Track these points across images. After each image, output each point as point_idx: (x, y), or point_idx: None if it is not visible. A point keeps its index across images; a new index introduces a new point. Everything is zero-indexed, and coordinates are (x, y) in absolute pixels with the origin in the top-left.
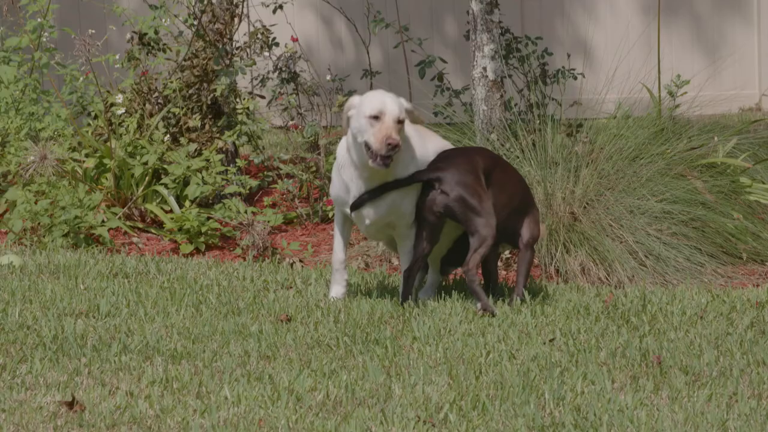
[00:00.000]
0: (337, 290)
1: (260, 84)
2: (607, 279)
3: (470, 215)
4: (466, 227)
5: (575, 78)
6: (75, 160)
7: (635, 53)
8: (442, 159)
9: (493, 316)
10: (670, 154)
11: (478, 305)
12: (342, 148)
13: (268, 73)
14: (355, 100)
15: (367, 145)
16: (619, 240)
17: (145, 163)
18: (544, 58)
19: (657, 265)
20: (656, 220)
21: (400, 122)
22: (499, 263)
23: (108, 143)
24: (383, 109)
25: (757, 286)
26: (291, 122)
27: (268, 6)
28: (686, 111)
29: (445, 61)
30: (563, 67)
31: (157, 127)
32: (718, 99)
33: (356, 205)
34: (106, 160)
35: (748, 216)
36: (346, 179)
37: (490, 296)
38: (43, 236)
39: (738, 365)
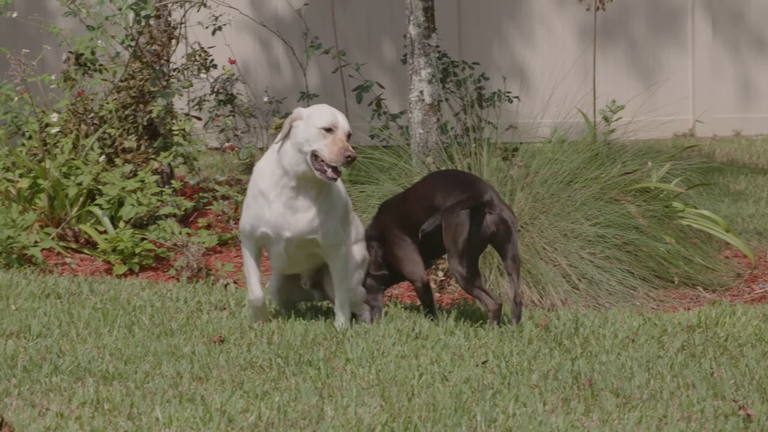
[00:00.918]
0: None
1: (197, 105)
2: (540, 302)
3: (516, 238)
4: (510, 252)
5: (511, 101)
6: (9, 180)
7: (571, 78)
8: (468, 182)
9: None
10: (604, 179)
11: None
12: (269, 163)
13: (206, 94)
14: (302, 111)
15: (316, 156)
16: (553, 263)
17: (80, 184)
18: (481, 82)
19: (590, 288)
20: (590, 244)
21: (349, 137)
22: (434, 285)
23: (42, 163)
24: (336, 123)
25: (689, 309)
26: (227, 144)
27: (207, 27)
28: (621, 136)
29: (382, 87)
30: (499, 90)
31: (92, 148)
32: (653, 124)
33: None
34: (40, 181)
35: (681, 240)
36: (266, 197)
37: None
38: None
39: (668, 388)
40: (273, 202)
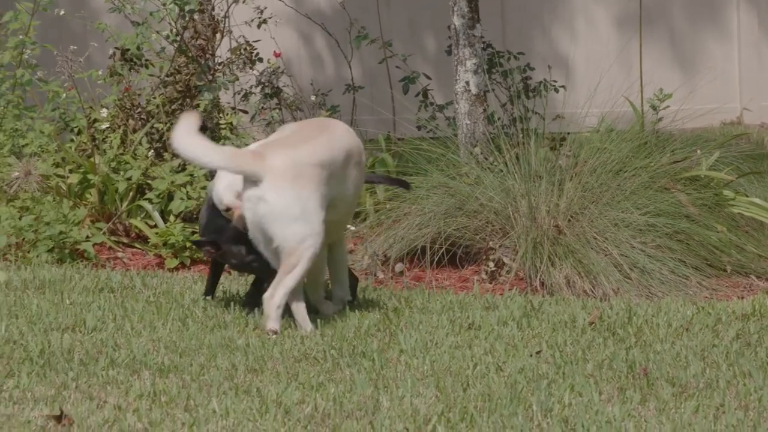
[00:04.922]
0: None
1: (243, 99)
2: (592, 291)
3: None
4: None
5: (557, 91)
6: (59, 176)
7: (615, 68)
8: None
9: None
10: (653, 168)
11: None
12: None
13: (251, 88)
14: None
15: None
16: (604, 253)
17: (129, 179)
18: (526, 73)
19: (642, 277)
20: (640, 233)
21: None
22: (484, 276)
23: (91, 159)
24: None
25: (742, 298)
26: None
27: (252, 21)
28: (668, 124)
29: (429, 77)
30: (545, 80)
31: (140, 143)
32: (699, 113)
33: None
34: (89, 176)
35: (732, 229)
36: None
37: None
38: (28, 252)
39: (724, 377)
40: None
